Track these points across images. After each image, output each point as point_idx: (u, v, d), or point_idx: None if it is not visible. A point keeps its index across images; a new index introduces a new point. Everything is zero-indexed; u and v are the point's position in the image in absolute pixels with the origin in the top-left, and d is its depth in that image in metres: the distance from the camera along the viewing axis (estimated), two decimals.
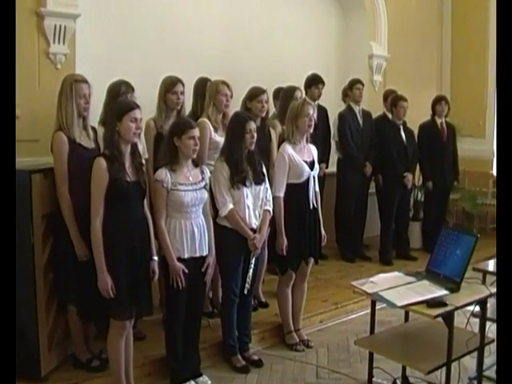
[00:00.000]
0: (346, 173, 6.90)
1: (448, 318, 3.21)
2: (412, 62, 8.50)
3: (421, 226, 7.67)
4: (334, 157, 7.07)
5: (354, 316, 5.59)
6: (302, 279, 4.84)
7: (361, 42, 8.08)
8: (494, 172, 8.82)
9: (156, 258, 3.75)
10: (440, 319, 3.26)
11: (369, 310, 5.46)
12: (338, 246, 7.13)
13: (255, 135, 4.23)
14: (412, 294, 3.33)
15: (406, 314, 3.86)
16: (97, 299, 3.51)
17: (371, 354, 3.65)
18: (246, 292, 4.32)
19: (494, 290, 3.52)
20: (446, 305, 3.21)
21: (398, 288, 3.45)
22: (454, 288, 3.41)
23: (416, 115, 7.22)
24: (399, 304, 3.25)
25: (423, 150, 7.17)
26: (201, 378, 4.13)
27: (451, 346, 3.21)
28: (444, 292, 3.35)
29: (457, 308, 3.23)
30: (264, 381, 4.29)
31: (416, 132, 7.24)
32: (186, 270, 3.84)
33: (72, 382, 3.86)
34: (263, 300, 5.37)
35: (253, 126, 4.22)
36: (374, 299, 3.48)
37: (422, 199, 7.69)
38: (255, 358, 4.52)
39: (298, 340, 4.85)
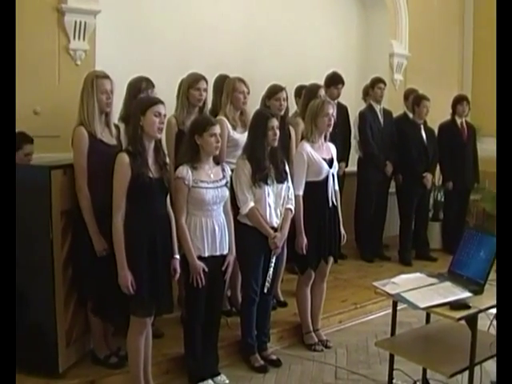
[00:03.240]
0: (367, 172, 6.85)
1: (471, 320, 3.15)
2: (433, 60, 8.41)
3: (441, 226, 7.60)
4: (354, 156, 7.02)
5: (373, 317, 5.53)
6: (322, 278, 4.81)
7: (382, 41, 8.00)
8: None
9: (178, 256, 3.73)
10: (463, 321, 3.20)
11: (388, 311, 5.47)
12: (357, 246, 7.08)
13: (278, 132, 4.20)
14: (434, 296, 3.28)
15: (428, 315, 3.80)
16: (115, 295, 3.50)
17: (392, 356, 3.61)
18: (266, 291, 4.29)
19: None
20: (469, 307, 3.15)
21: (421, 289, 3.40)
22: (478, 290, 3.36)
23: (436, 115, 7.12)
24: (422, 306, 3.20)
25: (443, 150, 7.09)
26: (219, 377, 4.11)
27: (474, 349, 3.15)
28: (467, 294, 3.29)
29: (480, 311, 3.17)
30: (282, 381, 4.26)
31: (436, 132, 7.17)
32: (206, 269, 3.82)
33: (90, 379, 3.84)
34: (282, 299, 5.34)
35: (275, 123, 4.20)
36: (396, 300, 3.43)
37: (442, 199, 7.61)
38: (273, 357, 4.49)
39: (316, 340, 4.81)
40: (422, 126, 6.87)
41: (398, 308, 5.29)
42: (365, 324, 5.41)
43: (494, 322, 3.58)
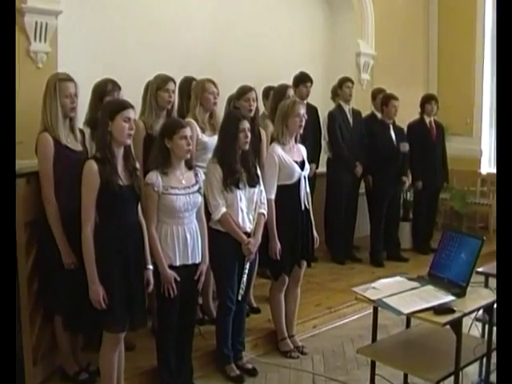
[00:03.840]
0: (337, 173, 6.77)
1: (456, 325, 3.07)
2: (399, 60, 8.41)
3: (411, 226, 7.56)
4: (323, 157, 6.93)
5: (347, 320, 5.46)
6: (296, 283, 4.70)
7: (348, 40, 7.96)
8: (482, 171, 8.78)
9: (151, 266, 3.58)
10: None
11: (362, 314, 5.51)
12: (327, 248, 7.00)
13: (249, 135, 4.08)
14: (417, 301, 3.19)
15: (408, 319, 3.72)
16: (86, 310, 3.33)
17: (373, 362, 3.51)
18: (240, 298, 4.16)
19: None
20: (453, 311, 3.08)
21: (403, 294, 3.32)
22: (460, 293, 3.29)
23: (403, 114, 7.07)
24: (406, 311, 3.12)
25: (413, 149, 7.03)
26: None
27: (459, 353, 3.08)
28: (450, 298, 3.22)
29: (465, 314, 3.10)
30: None
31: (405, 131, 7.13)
32: (178, 278, 3.67)
33: None
34: (255, 305, 5.21)
35: (246, 125, 4.07)
36: (378, 306, 3.33)
37: (412, 199, 7.58)
38: (249, 366, 4.37)
39: (292, 347, 4.70)
40: (391, 126, 6.82)
41: (371, 311, 5.24)
42: (340, 328, 5.33)
43: (475, 323, 3.55)
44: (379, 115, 6.93)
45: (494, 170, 8.71)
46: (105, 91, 4.17)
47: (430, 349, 3.40)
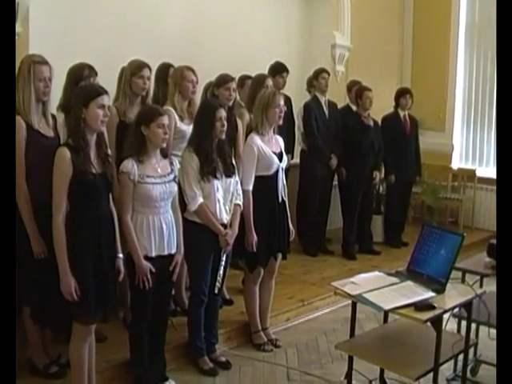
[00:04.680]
0: (311, 165, 6.70)
1: (436, 321, 3.05)
2: (374, 53, 8.35)
3: (383, 219, 7.56)
4: (297, 148, 6.87)
5: (320, 313, 5.43)
6: (270, 276, 4.65)
7: (324, 32, 7.88)
8: (454, 166, 8.82)
9: (121, 255, 3.48)
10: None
11: (335, 307, 5.48)
12: (299, 240, 6.95)
13: (226, 123, 4.00)
14: (398, 297, 3.16)
15: (385, 314, 3.68)
16: (56, 301, 3.24)
17: (351, 358, 3.47)
18: (216, 291, 4.09)
19: (478, 290, 3.40)
20: (434, 307, 3.05)
21: (382, 289, 3.28)
22: (440, 289, 3.27)
23: (377, 107, 7.03)
24: (386, 307, 3.09)
25: (387, 143, 7.02)
26: (167, 383, 3.89)
27: (439, 350, 3.07)
28: (430, 294, 3.20)
29: (445, 311, 3.08)
30: None
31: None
32: (154, 270, 3.58)
33: None
34: (227, 297, 5.15)
35: (223, 113, 3.99)
36: (358, 301, 3.28)
37: (384, 193, 7.57)
38: (223, 359, 4.31)
39: (265, 339, 4.65)
40: (370, 122, 6.78)
41: (344, 304, 5.26)
42: (313, 321, 5.29)
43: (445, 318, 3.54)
44: (354, 107, 6.89)
45: (465, 166, 8.79)
46: (81, 76, 4.02)
47: (409, 345, 3.38)
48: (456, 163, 8.89)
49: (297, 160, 6.84)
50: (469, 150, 8.85)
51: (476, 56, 8.69)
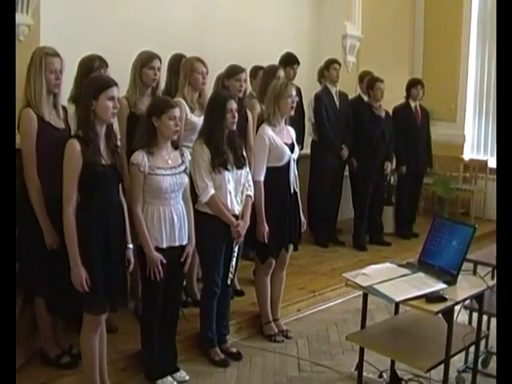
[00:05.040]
0: (322, 155, 6.68)
1: (448, 313, 3.04)
2: (385, 43, 8.32)
3: (393, 210, 7.54)
4: (307, 139, 6.85)
5: (331, 304, 5.44)
6: (281, 267, 4.66)
7: (334, 22, 7.84)
8: (465, 156, 8.78)
9: (131, 246, 3.49)
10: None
11: (345, 298, 5.49)
12: (310, 231, 6.92)
13: (236, 115, 3.99)
14: (409, 288, 3.15)
15: (396, 306, 3.68)
16: (68, 291, 3.24)
17: (362, 349, 3.47)
18: (229, 282, 4.10)
19: (490, 282, 3.39)
20: (445, 299, 3.04)
21: (393, 281, 3.27)
22: (451, 281, 3.25)
23: (388, 98, 7.00)
24: (397, 299, 3.08)
25: (398, 133, 7.01)
26: (178, 374, 3.91)
27: (450, 341, 3.06)
28: (442, 285, 3.18)
29: (457, 303, 3.07)
30: (244, 375, 4.09)
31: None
32: (165, 261, 3.59)
33: (41, 381, 3.56)
34: (238, 288, 5.15)
35: (234, 105, 3.98)
36: (369, 293, 3.28)
37: (395, 184, 7.55)
38: (233, 350, 4.31)
39: (276, 330, 4.66)
40: (382, 113, 6.75)
41: (355, 294, 5.25)
42: (323, 312, 5.29)
43: (462, 310, 3.53)
44: (366, 98, 6.86)
45: (476, 156, 8.74)
46: (92, 68, 4.02)
47: (420, 336, 3.37)
48: (468, 154, 8.85)
49: (307, 151, 6.81)
50: (480, 140, 8.81)
51: (488, 46, 8.62)
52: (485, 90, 8.68)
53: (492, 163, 8.33)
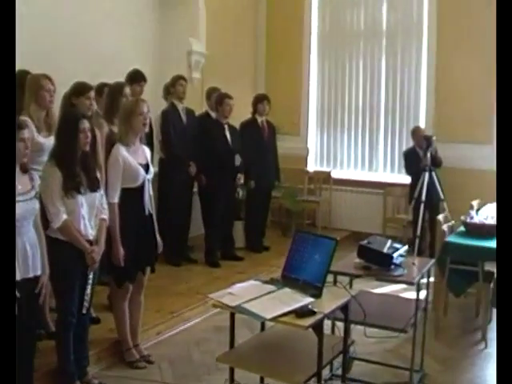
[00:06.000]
0: (170, 173, 6.61)
1: (318, 326, 3.08)
2: (229, 60, 8.45)
3: (243, 225, 7.61)
4: (155, 157, 6.73)
5: (191, 323, 5.36)
6: (139, 291, 4.53)
7: (180, 38, 7.81)
8: (309, 168, 9.10)
9: None
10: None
11: (204, 316, 5.41)
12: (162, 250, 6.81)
13: (89, 135, 3.82)
14: (278, 305, 3.14)
15: (262, 322, 3.67)
16: None
17: (232, 369, 3.42)
18: (85, 311, 3.89)
19: (352, 292, 3.48)
20: (314, 313, 3.07)
21: (261, 298, 3.25)
22: (317, 294, 3.29)
23: (234, 113, 7.08)
24: (268, 317, 3.06)
25: (246, 148, 7.10)
26: None
27: (321, 353, 3.09)
28: (309, 299, 3.21)
29: (326, 315, 3.12)
30: None
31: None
32: (19, 295, 3.31)
33: None
34: (94, 315, 4.90)
35: (86, 124, 3.81)
36: (238, 312, 3.23)
37: (244, 198, 7.63)
38: (95, 382, 4.09)
39: (138, 356, 4.50)
40: (226, 126, 6.81)
41: (213, 312, 5.22)
42: (184, 332, 5.20)
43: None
44: (214, 114, 6.89)
45: (320, 168, 9.08)
46: None
47: (290, 350, 3.38)
48: (312, 166, 9.18)
49: (155, 168, 6.68)
50: (323, 153, 9.19)
51: (328, 63, 9.02)
52: (326, 105, 9.07)
53: (335, 174, 8.71)
